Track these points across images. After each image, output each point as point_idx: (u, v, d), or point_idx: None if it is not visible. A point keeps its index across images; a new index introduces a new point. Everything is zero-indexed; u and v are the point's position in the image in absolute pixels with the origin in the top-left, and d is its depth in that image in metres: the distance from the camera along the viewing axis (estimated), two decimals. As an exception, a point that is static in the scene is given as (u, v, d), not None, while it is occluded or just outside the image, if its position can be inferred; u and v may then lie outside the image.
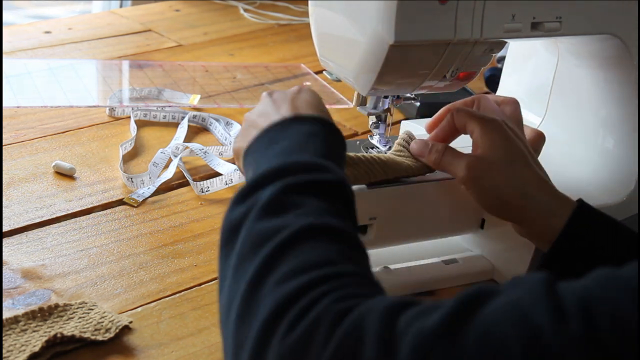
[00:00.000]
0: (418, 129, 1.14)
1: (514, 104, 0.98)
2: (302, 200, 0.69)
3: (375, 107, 1.00)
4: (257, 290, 0.62)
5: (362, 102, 1.00)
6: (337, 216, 0.69)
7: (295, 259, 0.63)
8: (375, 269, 1.00)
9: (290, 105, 0.83)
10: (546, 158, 1.11)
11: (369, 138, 1.04)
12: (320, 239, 0.66)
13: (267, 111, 0.84)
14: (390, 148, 1.01)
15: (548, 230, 0.88)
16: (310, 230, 0.66)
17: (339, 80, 0.99)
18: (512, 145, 0.91)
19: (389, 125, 1.02)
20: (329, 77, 1.00)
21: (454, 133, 0.97)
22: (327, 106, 0.91)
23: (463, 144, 1.11)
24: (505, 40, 0.95)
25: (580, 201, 0.89)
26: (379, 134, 1.02)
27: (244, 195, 0.70)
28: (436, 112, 1.33)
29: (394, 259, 1.02)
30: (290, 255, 0.64)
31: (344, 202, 0.73)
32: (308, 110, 0.82)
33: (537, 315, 0.55)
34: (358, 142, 1.05)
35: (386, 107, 1.00)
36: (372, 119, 1.02)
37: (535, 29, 0.94)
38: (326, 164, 0.74)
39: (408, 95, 1.02)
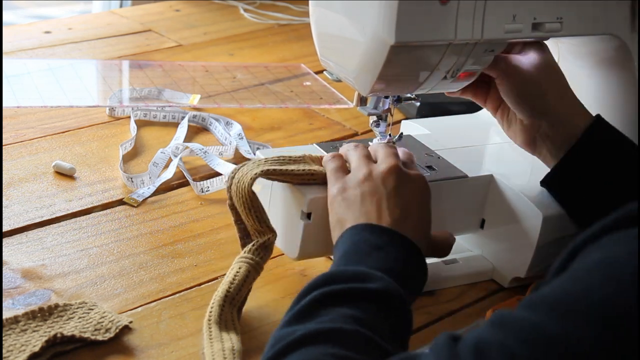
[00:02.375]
0: (418, 128, 1.15)
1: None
2: (329, 309, 0.72)
3: (375, 108, 1.00)
4: None
5: (362, 102, 1.00)
6: (363, 323, 0.71)
7: None
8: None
9: (379, 208, 0.86)
10: (546, 158, 1.11)
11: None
12: (321, 345, 0.68)
13: (358, 203, 0.87)
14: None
15: (563, 133, 0.96)
16: (313, 335, 0.69)
17: (339, 81, 0.99)
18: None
19: (389, 125, 1.02)
20: (329, 77, 1.00)
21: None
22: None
23: (463, 143, 1.12)
24: (506, 40, 0.94)
25: (598, 116, 0.97)
26: (379, 133, 1.02)
27: (295, 302, 0.75)
28: (436, 112, 1.34)
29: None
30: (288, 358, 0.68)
31: (384, 310, 0.74)
32: (401, 218, 0.85)
33: None
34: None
35: (386, 107, 1.00)
36: (373, 117, 1.02)
37: (536, 30, 0.94)
38: (373, 274, 0.76)
39: (409, 95, 1.02)
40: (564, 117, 0.97)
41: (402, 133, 1.05)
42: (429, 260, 1.03)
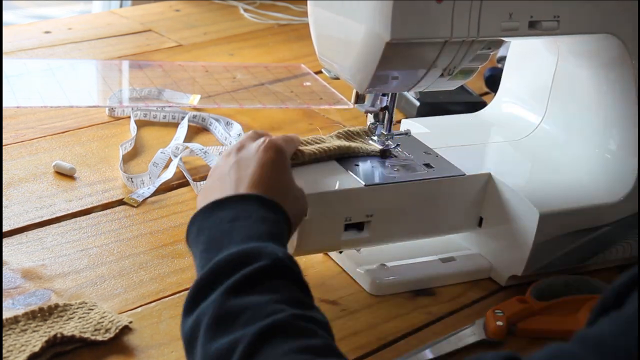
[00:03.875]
0: (418, 127, 1.15)
1: None
2: (244, 303, 0.70)
3: (373, 105, 1.00)
4: None
5: (360, 99, 1.00)
6: (285, 303, 0.71)
7: None
8: (372, 266, 1.00)
9: (234, 180, 0.84)
10: (546, 158, 1.11)
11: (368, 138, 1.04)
12: (273, 344, 0.67)
13: (216, 181, 0.87)
14: (386, 150, 1.02)
15: None
16: (259, 339, 0.67)
17: (337, 78, 0.99)
18: None
19: (389, 123, 1.02)
20: (327, 74, 1.00)
21: None
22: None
23: (462, 142, 1.12)
24: (503, 39, 0.95)
25: None
26: (376, 135, 1.02)
27: (189, 305, 0.73)
28: (436, 111, 1.34)
29: (391, 256, 1.02)
30: None
31: (287, 280, 0.74)
32: (250, 183, 0.83)
33: None
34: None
35: (384, 104, 1.00)
36: (371, 119, 1.02)
37: (533, 28, 0.94)
38: (256, 249, 0.75)
39: (406, 93, 1.02)
40: None
41: (408, 130, 1.05)
42: (426, 258, 1.03)
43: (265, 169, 0.85)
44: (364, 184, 0.95)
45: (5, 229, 1.01)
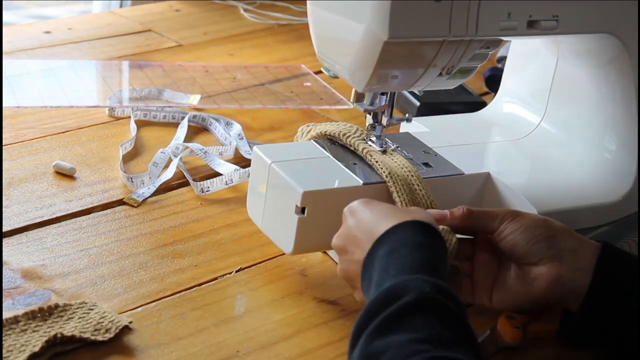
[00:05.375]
0: (418, 126, 1.15)
1: None
2: (385, 344, 0.69)
3: (372, 104, 1.00)
4: None
5: (359, 98, 1.00)
6: (426, 342, 0.69)
7: None
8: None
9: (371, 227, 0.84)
10: (546, 157, 1.11)
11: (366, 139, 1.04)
12: None
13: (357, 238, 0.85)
14: (385, 150, 1.01)
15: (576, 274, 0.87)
16: None
17: (336, 77, 0.99)
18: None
19: (385, 126, 1.02)
20: (326, 73, 1.00)
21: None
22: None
23: (462, 141, 1.12)
24: (502, 38, 0.95)
25: (604, 242, 0.88)
26: (375, 136, 1.02)
27: (350, 349, 0.73)
28: (436, 111, 1.34)
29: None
30: None
31: (433, 315, 0.72)
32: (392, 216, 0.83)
33: None
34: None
35: (383, 103, 1.00)
36: (369, 120, 1.02)
37: (532, 28, 0.94)
38: (403, 284, 0.74)
39: (405, 93, 1.02)
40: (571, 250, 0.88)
41: (408, 115, 1.05)
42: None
43: (389, 206, 0.86)
44: (362, 182, 0.96)
45: (5, 229, 1.02)
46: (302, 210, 0.93)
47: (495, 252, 0.90)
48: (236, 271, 1.00)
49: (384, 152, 1.01)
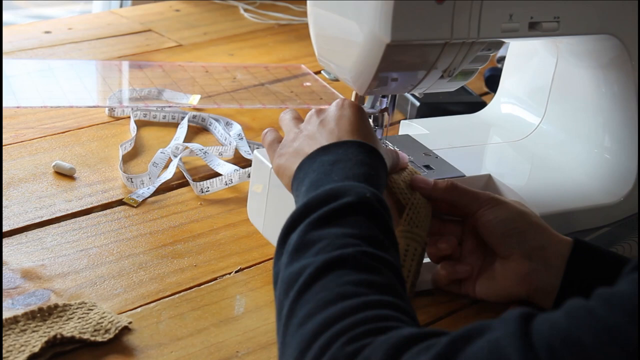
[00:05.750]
0: (417, 128, 1.15)
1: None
2: (322, 234, 0.73)
3: (373, 107, 1.00)
4: (286, 335, 0.68)
5: (360, 101, 1.00)
6: (360, 238, 0.73)
7: (312, 299, 0.68)
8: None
9: (328, 132, 0.87)
10: (545, 158, 1.11)
11: None
12: (333, 274, 0.69)
13: (306, 139, 0.88)
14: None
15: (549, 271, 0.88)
16: (322, 267, 0.70)
17: (337, 80, 0.99)
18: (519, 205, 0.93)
19: (386, 126, 1.02)
20: (327, 76, 1.00)
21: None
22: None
23: (462, 143, 1.12)
24: (503, 40, 0.95)
25: (576, 240, 0.90)
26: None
27: (282, 238, 0.76)
28: (436, 112, 1.34)
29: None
30: (307, 297, 0.68)
31: (368, 218, 0.75)
32: (346, 132, 0.86)
33: (511, 355, 0.58)
34: None
35: (384, 106, 1.00)
36: (370, 122, 1.02)
37: (533, 29, 0.94)
38: (346, 187, 0.77)
39: (406, 93, 1.02)
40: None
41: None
42: (426, 260, 1.03)
43: (358, 119, 0.88)
44: None
45: (5, 229, 1.02)
46: None
47: (481, 242, 0.91)
48: (236, 271, 1.00)
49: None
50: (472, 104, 1.39)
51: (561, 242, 0.89)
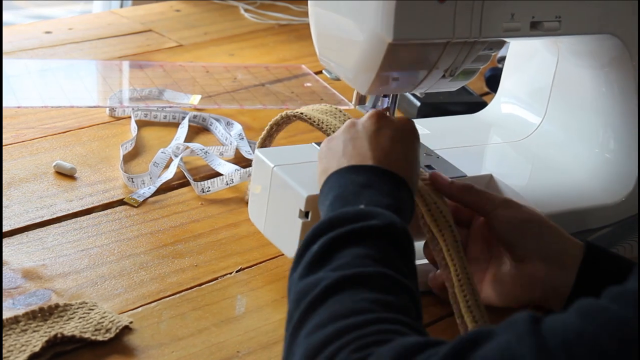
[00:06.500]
0: (418, 128, 1.15)
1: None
2: (342, 252, 0.73)
3: (374, 106, 1.00)
4: (292, 345, 0.67)
5: (361, 101, 1.00)
6: (380, 261, 0.72)
7: (324, 312, 0.67)
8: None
9: (361, 151, 0.86)
10: (546, 158, 1.11)
11: None
12: (349, 291, 0.69)
13: (341, 150, 0.87)
14: None
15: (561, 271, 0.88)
16: (339, 283, 0.69)
17: (338, 79, 0.99)
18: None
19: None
20: (328, 75, 1.00)
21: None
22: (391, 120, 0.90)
23: (463, 143, 1.12)
24: (505, 39, 0.95)
25: (588, 243, 0.89)
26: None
27: (302, 250, 0.75)
28: (436, 112, 1.34)
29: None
30: (319, 310, 0.68)
31: (392, 244, 0.75)
32: (383, 157, 0.85)
33: (525, 355, 0.57)
34: None
35: (385, 105, 1.00)
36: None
37: (535, 29, 0.94)
38: (373, 211, 0.76)
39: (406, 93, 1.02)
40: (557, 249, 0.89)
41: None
42: (425, 260, 1.03)
43: (410, 149, 0.87)
44: None
45: (5, 229, 1.01)
46: (306, 214, 0.92)
47: (487, 246, 0.91)
48: (237, 271, 1.00)
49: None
50: (472, 104, 1.39)
51: (574, 245, 0.89)
